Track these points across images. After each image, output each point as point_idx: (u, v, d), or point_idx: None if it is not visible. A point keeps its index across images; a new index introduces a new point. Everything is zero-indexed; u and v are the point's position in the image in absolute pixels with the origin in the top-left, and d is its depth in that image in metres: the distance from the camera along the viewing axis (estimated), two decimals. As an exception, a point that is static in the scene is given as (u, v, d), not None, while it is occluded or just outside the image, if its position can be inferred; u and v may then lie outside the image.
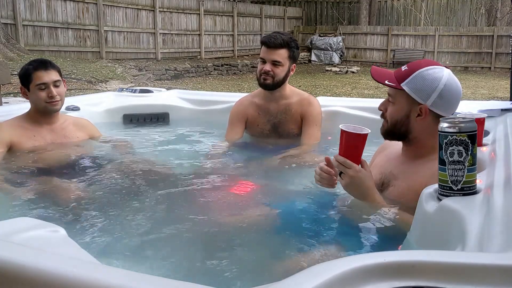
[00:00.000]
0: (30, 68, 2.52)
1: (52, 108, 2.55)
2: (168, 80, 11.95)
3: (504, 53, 15.79)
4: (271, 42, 2.70)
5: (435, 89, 1.60)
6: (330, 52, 17.57)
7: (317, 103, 2.89)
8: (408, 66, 1.68)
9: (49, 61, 2.60)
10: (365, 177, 1.62)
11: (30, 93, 2.53)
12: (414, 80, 1.62)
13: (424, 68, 1.63)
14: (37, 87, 2.49)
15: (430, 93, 1.60)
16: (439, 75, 1.61)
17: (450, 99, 1.62)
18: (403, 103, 1.65)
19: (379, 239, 1.56)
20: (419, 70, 1.62)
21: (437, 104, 1.61)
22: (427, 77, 1.61)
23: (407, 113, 1.66)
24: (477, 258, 0.90)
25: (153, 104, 3.64)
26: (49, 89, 2.50)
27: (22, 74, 2.54)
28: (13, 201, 2.03)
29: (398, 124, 1.68)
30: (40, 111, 2.57)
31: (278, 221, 1.79)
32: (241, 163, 2.65)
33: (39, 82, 2.49)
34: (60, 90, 2.56)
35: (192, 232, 1.73)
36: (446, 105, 1.62)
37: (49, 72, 2.52)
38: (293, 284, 0.81)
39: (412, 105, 1.64)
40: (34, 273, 0.86)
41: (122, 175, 2.35)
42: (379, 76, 1.71)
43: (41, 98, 2.50)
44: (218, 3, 15.99)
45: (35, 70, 2.50)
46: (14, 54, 9.71)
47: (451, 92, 1.62)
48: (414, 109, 1.64)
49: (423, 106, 1.62)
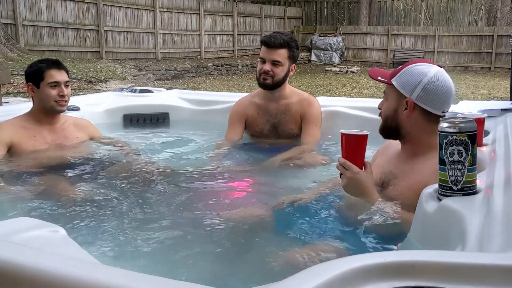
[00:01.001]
0: (43, 66, 2.55)
1: (59, 108, 2.57)
2: (168, 80, 11.95)
3: (504, 53, 15.78)
4: (271, 42, 2.70)
5: (419, 83, 1.64)
6: (330, 52, 17.57)
7: (317, 103, 2.89)
8: (404, 64, 1.74)
9: (60, 61, 2.65)
10: (363, 178, 1.63)
11: (40, 90, 2.53)
12: (402, 75, 1.69)
13: (415, 64, 1.70)
14: (49, 85, 2.51)
15: (414, 87, 1.65)
16: (426, 70, 1.66)
17: (435, 94, 1.64)
18: (393, 98, 1.72)
19: (379, 238, 1.56)
20: (409, 66, 1.70)
21: (421, 98, 1.65)
22: (414, 71, 1.67)
23: (395, 108, 1.71)
24: (477, 258, 0.90)
25: (153, 104, 3.64)
26: (60, 87, 2.53)
27: (33, 71, 2.56)
28: (13, 201, 2.04)
29: (388, 119, 1.74)
30: (44, 110, 2.58)
31: (277, 221, 1.79)
32: (241, 163, 2.66)
33: (52, 80, 2.52)
34: (69, 91, 2.60)
35: (192, 232, 1.73)
36: (430, 100, 1.64)
37: (62, 72, 2.57)
38: (293, 284, 0.81)
39: (399, 99, 1.69)
40: (34, 273, 0.86)
41: (122, 175, 2.36)
42: (374, 74, 1.79)
43: (51, 96, 2.52)
44: (218, 3, 15.99)
45: (49, 68, 2.54)
46: (14, 54, 9.71)
47: (436, 87, 1.64)
48: (401, 103, 1.69)
49: (408, 99, 1.66)
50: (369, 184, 1.65)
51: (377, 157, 1.95)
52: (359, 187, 1.64)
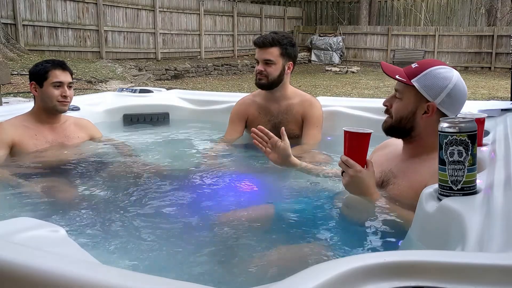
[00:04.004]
0: (48, 65, 2.57)
1: (61, 108, 2.59)
2: (168, 80, 11.95)
3: (504, 53, 15.78)
4: (260, 42, 2.72)
5: (445, 88, 1.61)
6: (330, 52, 17.57)
7: (318, 104, 2.88)
8: (419, 63, 1.69)
9: (65, 63, 2.67)
10: (365, 177, 1.62)
11: (43, 89, 2.55)
12: (425, 77, 1.63)
13: (436, 66, 1.65)
14: (53, 85, 2.54)
15: (440, 92, 1.62)
16: (450, 74, 1.64)
17: (457, 99, 1.64)
18: (411, 100, 1.66)
19: (379, 238, 1.56)
20: (431, 68, 1.64)
21: (445, 103, 1.62)
22: (438, 75, 1.63)
23: (413, 110, 1.66)
24: (477, 258, 0.90)
25: (153, 104, 3.64)
26: (63, 88, 2.55)
27: (37, 71, 2.58)
28: (13, 201, 2.04)
29: (403, 120, 1.68)
30: (46, 110, 2.59)
31: (277, 220, 1.79)
32: (241, 162, 2.66)
33: (56, 80, 2.54)
34: (72, 92, 2.62)
35: (193, 232, 1.73)
36: (453, 105, 1.63)
37: (66, 73, 2.60)
38: (293, 284, 0.81)
39: (419, 102, 1.65)
40: (34, 273, 0.86)
41: (122, 175, 2.36)
42: (390, 71, 1.71)
43: (54, 96, 2.54)
44: (218, 3, 15.99)
45: (54, 68, 2.56)
46: (14, 54, 9.71)
47: (459, 93, 1.64)
48: (421, 106, 1.65)
49: (431, 104, 1.63)
50: (371, 183, 1.65)
51: (373, 156, 1.91)
52: (361, 186, 1.63)
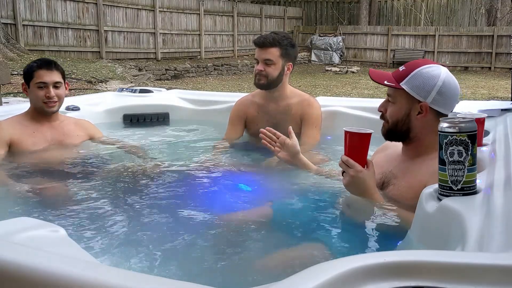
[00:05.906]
0: (34, 65, 2.54)
1: (48, 110, 2.55)
2: (168, 80, 11.95)
3: (504, 53, 15.79)
4: (260, 42, 2.71)
5: (434, 86, 1.62)
6: (330, 52, 17.57)
7: (317, 104, 2.88)
8: (406, 66, 1.71)
9: (54, 62, 2.61)
10: (366, 177, 1.62)
11: (30, 90, 2.54)
12: (413, 79, 1.64)
13: (422, 66, 1.66)
14: (36, 85, 2.50)
15: (430, 90, 1.63)
16: (437, 72, 1.64)
17: (449, 95, 1.64)
18: (403, 102, 1.67)
19: (379, 238, 1.56)
20: (417, 69, 1.65)
21: (437, 101, 1.63)
22: (426, 75, 1.64)
23: (407, 112, 1.67)
24: (477, 258, 0.90)
25: (153, 104, 3.64)
26: (48, 89, 2.50)
27: (25, 71, 2.56)
28: (13, 201, 2.03)
29: (399, 123, 1.69)
30: (37, 110, 2.58)
31: (277, 221, 1.79)
32: (240, 162, 2.65)
33: (39, 81, 2.50)
34: (60, 92, 2.56)
35: (192, 232, 1.72)
36: (445, 102, 1.64)
37: (52, 73, 2.53)
38: (293, 284, 0.81)
39: (412, 104, 1.66)
40: (34, 273, 0.86)
41: (122, 175, 2.36)
42: (378, 78, 1.73)
43: (39, 97, 2.51)
44: (218, 3, 15.99)
45: (38, 68, 2.51)
46: (14, 54, 9.70)
47: (450, 89, 1.64)
48: (414, 107, 1.66)
49: (423, 104, 1.64)
50: (371, 183, 1.64)
51: (374, 158, 1.93)
52: (361, 186, 1.63)
